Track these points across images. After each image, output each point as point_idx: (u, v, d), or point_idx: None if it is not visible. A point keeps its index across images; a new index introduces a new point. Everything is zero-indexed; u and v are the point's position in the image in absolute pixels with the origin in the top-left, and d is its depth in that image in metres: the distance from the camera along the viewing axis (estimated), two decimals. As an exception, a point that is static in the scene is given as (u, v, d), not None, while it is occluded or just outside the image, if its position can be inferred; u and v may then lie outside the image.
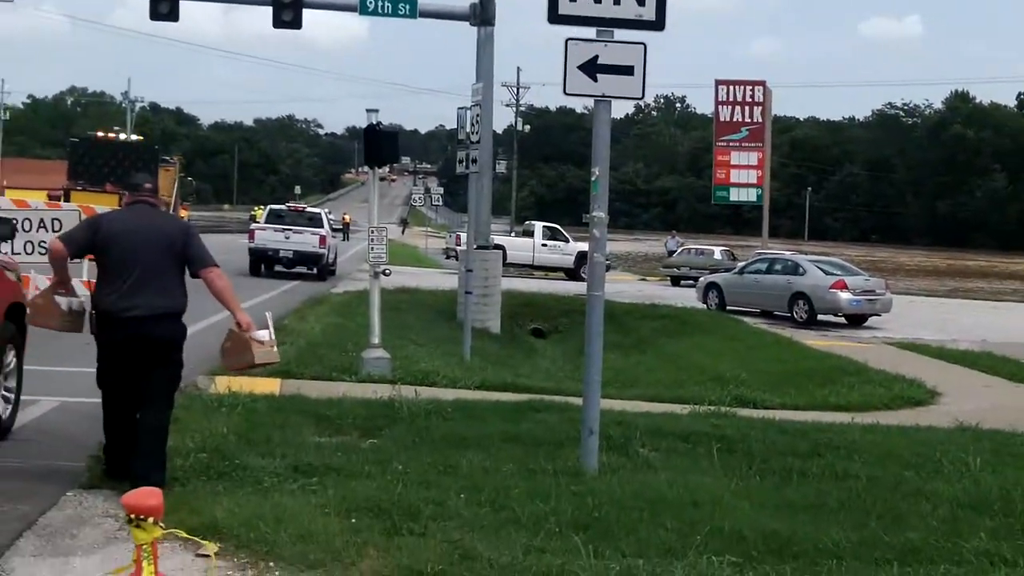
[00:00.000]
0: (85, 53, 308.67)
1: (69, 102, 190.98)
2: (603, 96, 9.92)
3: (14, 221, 20.70)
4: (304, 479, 8.75)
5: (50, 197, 37.16)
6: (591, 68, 9.81)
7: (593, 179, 9.94)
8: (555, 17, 9.80)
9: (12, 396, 10.64)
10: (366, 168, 17.41)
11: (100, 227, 8.87)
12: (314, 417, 11.54)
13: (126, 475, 8.48)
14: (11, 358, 10.61)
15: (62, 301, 9.10)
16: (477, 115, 21.49)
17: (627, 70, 9.88)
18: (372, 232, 16.23)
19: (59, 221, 21.11)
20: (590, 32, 9.88)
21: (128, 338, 8.63)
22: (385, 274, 16.40)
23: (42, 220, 21.12)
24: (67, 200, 35.78)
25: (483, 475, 9.14)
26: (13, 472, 9.13)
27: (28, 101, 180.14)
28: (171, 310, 8.75)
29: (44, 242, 20.89)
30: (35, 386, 12.27)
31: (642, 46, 9.90)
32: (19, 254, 20.76)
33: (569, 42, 9.81)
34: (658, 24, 9.86)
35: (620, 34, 9.86)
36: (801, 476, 10.09)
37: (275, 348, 9.23)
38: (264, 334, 9.08)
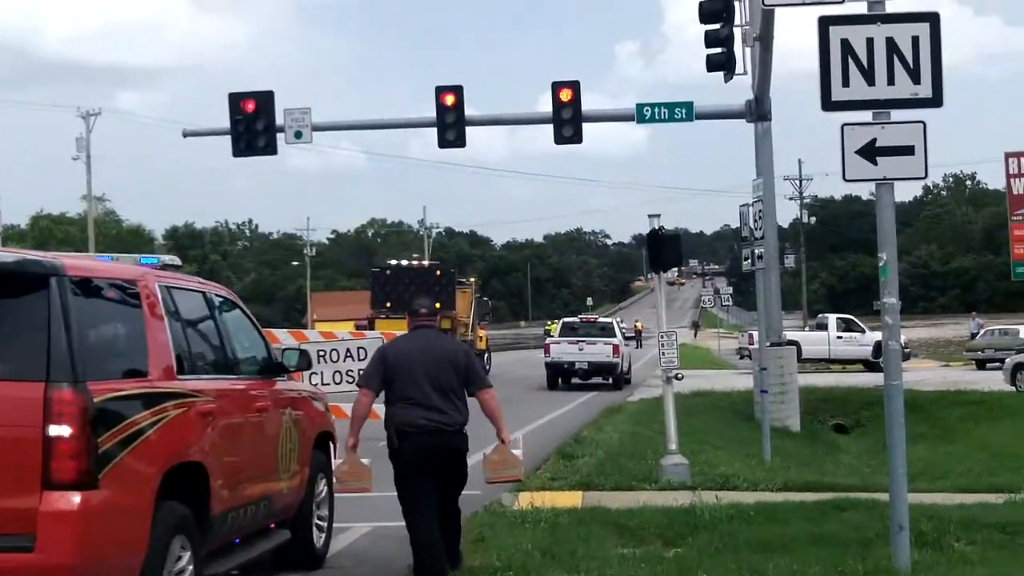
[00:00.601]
0: (382, 186, 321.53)
1: (370, 233, 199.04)
2: (884, 179, 9.68)
3: (321, 352, 21.77)
4: (610, 593, 8.71)
5: (356, 327, 38.66)
6: (870, 152, 9.60)
7: (881, 264, 9.67)
8: (829, 104, 9.65)
9: (325, 524, 11.02)
10: (653, 274, 17.47)
11: (387, 358, 9.70)
12: (616, 528, 11.51)
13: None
14: (323, 486, 11.00)
15: (365, 461, 10.10)
16: (759, 211, 21.33)
17: (907, 150, 9.62)
18: (662, 337, 16.20)
19: (364, 350, 21.97)
20: (866, 115, 9.70)
21: (432, 446, 9.37)
22: (678, 378, 16.28)
23: (348, 350, 22.06)
24: (371, 328, 37.07)
25: (791, 579, 8.90)
26: (328, 598, 9.42)
27: (331, 236, 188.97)
28: (462, 423, 9.54)
29: (352, 371, 21.78)
30: (347, 513, 12.69)
31: (921, 124, 9.63)
32: (328, 384, 21.72)
33: (845, 128, 9.64)
34: (936, 100, 9.59)
35: (897, 114, 9.63)
36: None
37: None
38: (519, 452, 10.16)
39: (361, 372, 21.38)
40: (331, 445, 11.37)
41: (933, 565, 9.44)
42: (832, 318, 50.54)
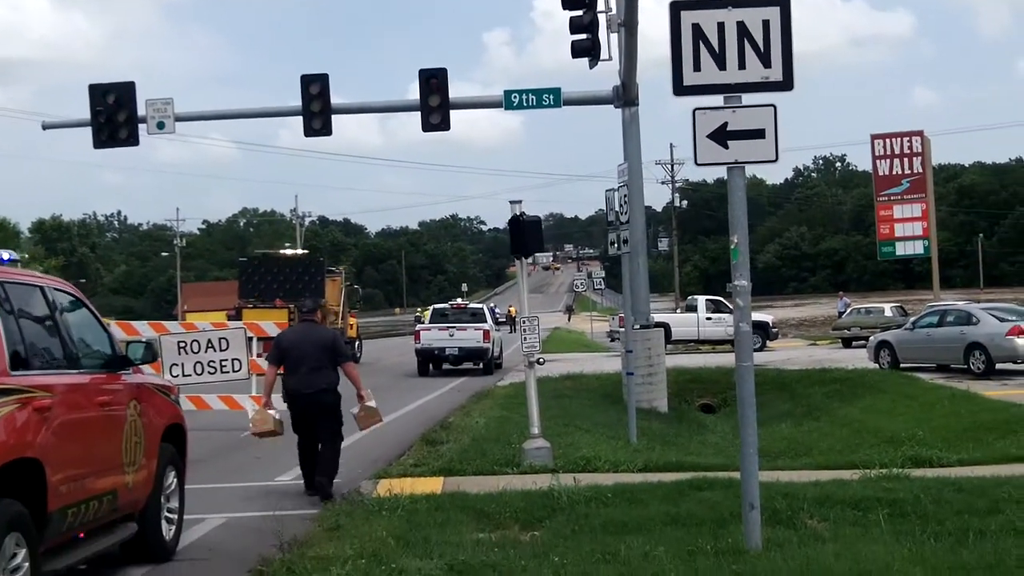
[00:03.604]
0: (253, 175, 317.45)
1: (242, 223, 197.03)
2: (735, 163, 9.71)
3: (182, 343, 21.41)
4: (459, 579, 8.63)
5: (228, 317, 38.15)
6: (721, 136, 9.62)
7: (732, 247, 9.72)
8: (680, 89, 9.66)
9: (175, 517, 10.79)
10: (530, 260, 17.52)
11: (281, 343, 14.47)
12: (474, 513, 11.43)
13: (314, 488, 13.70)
14: (172, 479, 10.78)
15: (273, 413, 14.45)
16: (625, 195, 21.44)
17: (758, 134, 9.65)
18: (524, 322, 16.20)
19: (226, 340, 21.67)
20: (717, 100, 9.73)
21: (307, 404, 13.99)
22: (539, 363, 16.30)
23: (210, 340, 21.69)
24: (239, 318, 36.61)
25: (642, 561, 8.90)
26: (176, 593, 9.25)
27: (203, 227, 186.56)
28: (330, 386, 14.06)
29: (213, 362, 21.45)
30: (201, 504, 12.53)
31: (772, 108, 9.65)
32: (190, 375, 21.39)
33: (696, 112, 9.63)
34: (786, 84, 9.63)
35: (748, 98, 9.68)
36: (979, 535, 9.59)
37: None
38: (373, 403, 14.59)
39: (223, 362, 21.26)
40: (183, 437, 11.18)
41: (785, 543, 9.50)
42: (701, 300, 50.68)
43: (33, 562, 7.54)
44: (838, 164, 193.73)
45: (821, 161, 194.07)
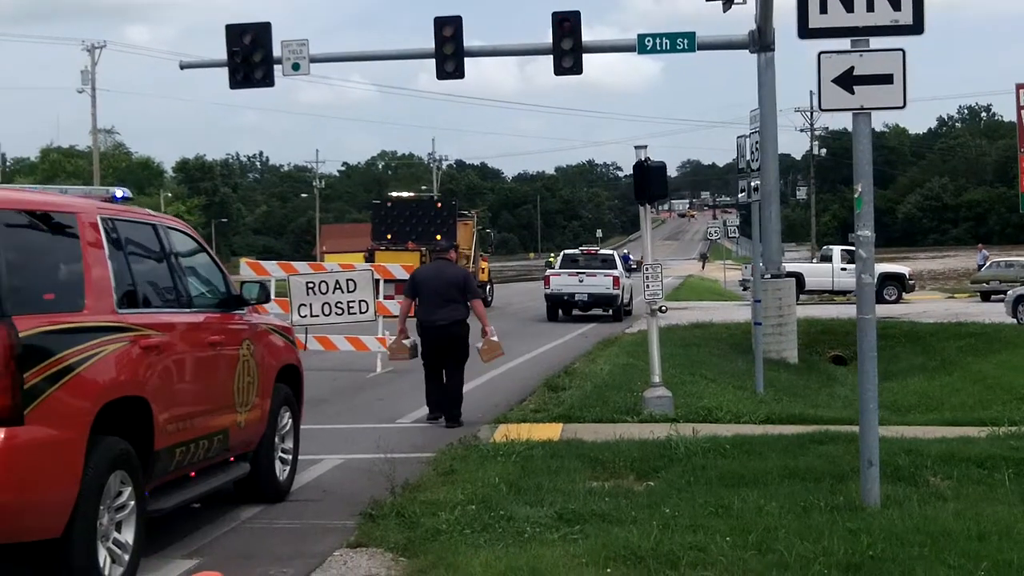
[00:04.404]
0: (392, 118, 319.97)
1: (380, 166, 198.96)
2: (861, 108, 9.43)
3: (310, 284, 21.55)
4: (567, 527, 8.50)
5: (365, 258, 38.55)
6: (847, 80, 9.36)
7: (856, 196, 9.44)
8: (805, 32, 9.42)
9: (289, 457, 10.83)
10: (666, 207, 17.35)
11: (416, 279, 15.79)
12: (590, 461, 11.30)
13: (440, 413, 15.28)
14: (287, 420, 10.82)
15: (407, 342, 15.91)
16: (756, 142, 21.01)
17: (886, 79, 9.36)
18: (646, 269, 15.97)
19: (353, 282, 21.77)
20: (844, 43, 9.44)
21: (437, 335, 15.29)
22: (661, 311, 16.08)
23: (337, 282, 21.81)
24: (371, 259, 36.90)
25: (755, 515, 8.68)
26: (286, 533, 9.27)
27: (342, 168, 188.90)
28: (459, 319, 15.33)
29: (340, 303, 21.57)
30: (319, 445, 12.63)
31: (900, 52, 9.36)
32: (317, 316, 21.55)
33: (822, 56, 9.40)
34: (916, 28, 9.32)
35: (876, 42, 9.37)
36: (1110, 499, 9.20)
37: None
38: (496, 339, 15.71)
39: (350, 304, 21.37)
40: (299, 378, 11.20)
41: (904, 500, 9.23)
42: (836, 250, 49.54)
43: (139, 500, 7.57)
44: (983, 114, 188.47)
45: (966, 111, 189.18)
